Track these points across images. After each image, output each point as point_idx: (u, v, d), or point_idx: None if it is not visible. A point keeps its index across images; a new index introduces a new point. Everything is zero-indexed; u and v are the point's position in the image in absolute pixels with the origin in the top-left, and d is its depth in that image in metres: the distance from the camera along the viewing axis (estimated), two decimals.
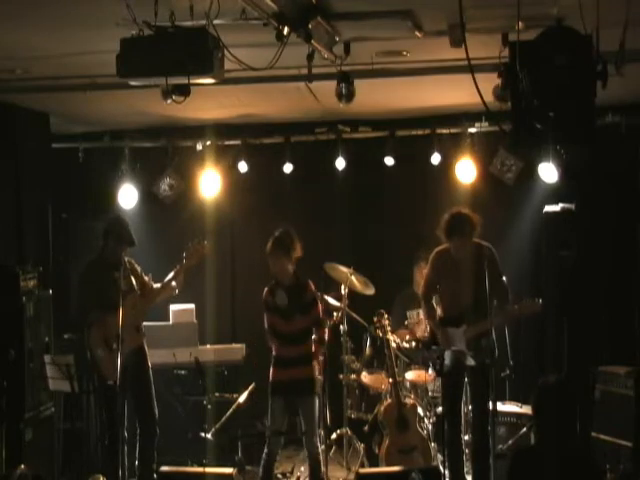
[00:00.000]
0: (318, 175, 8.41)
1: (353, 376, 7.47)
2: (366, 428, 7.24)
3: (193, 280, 7.18)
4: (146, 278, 6.57)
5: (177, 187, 8.33)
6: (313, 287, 6.33)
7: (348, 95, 5.74)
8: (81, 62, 5.79)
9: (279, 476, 6.99)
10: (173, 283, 6.51)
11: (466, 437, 6.69)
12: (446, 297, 6.37)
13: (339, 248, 8.12)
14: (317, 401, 6.23)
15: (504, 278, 6.24)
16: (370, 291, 7.56)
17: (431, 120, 8.11)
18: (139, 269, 6.60)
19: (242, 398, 7.04)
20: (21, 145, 7.27)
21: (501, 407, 6.69)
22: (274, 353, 6.27)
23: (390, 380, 7.01)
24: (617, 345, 7.58)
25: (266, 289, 6.28)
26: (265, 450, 6.24)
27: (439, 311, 6.44)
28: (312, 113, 7.95)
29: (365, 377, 7.44)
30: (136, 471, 6.50)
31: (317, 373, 6.31)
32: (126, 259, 6.44)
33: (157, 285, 6.52)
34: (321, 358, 6.38)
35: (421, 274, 7.76)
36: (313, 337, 6.26)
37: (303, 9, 4.45)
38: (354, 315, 7.50)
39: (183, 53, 4.13)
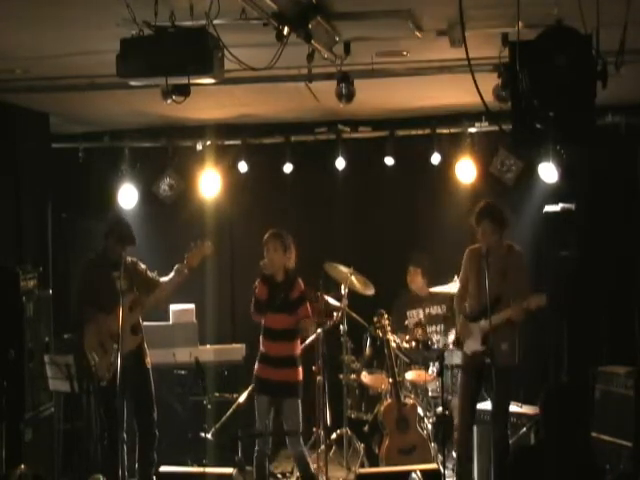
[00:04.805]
0: (318, 175, 8.40)
1: (353, 376, 7.46)
2: (366, 428, 7.24)
3: (193, 280, 7.17)
4: (151, 275, 6.54)
5: (177, 187, 8.33)
6: (302, 286, 6.34)
7: (348, 95, 5.74)
8: (81, 62, 5.79)
9: (279, 476, 6.99)
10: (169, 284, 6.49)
11: None
12: (472, 293, 6.42)
13: (339, 248, 8.11)
14: (300, 403, 6.26)
15: (528, 285, 6.25)
16: (370, 291, 7.56)
17: (431, 120, 8.09)
18: (144, 267, 6.56)
19: (242, 398, 7.03)
20: (21, 145, 7.26)
21: None
22: (261, 348, 6.34)
23: (390, 380, 7.01)
24: (617, 345, 7.58)
25: (259, 280, 6.27)
26: (256, 448, 6.29)
27: (467, 307, 6.49)
28: (312, 113, 7.94)
29: (365, 377, 7.44)
30: (136, 474, 6.49)
31: (301, 376, 6.32)
32: (129, 259, 6.40)
33: (164, 278, 6.48)
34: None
35: (412, 276, 7.75)
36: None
37: (303, 9, 4.46)
38: (354, 315, 7.48)
39: (183, 53, 4.14)
